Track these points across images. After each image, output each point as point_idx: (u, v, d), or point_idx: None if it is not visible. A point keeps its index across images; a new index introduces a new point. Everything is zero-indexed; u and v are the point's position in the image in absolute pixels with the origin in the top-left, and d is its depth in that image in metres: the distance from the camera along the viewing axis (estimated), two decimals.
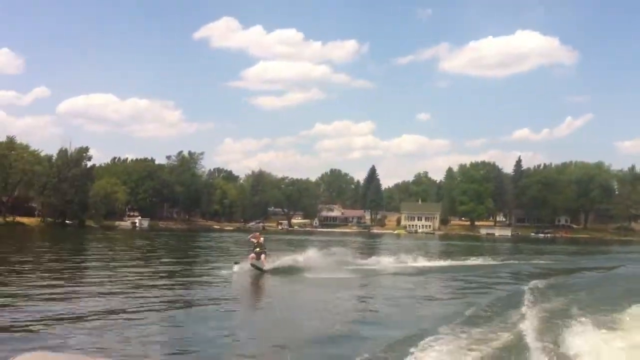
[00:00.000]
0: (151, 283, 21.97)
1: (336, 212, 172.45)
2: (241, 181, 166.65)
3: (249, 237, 28.56)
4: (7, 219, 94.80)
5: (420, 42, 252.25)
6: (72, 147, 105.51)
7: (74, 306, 15.81)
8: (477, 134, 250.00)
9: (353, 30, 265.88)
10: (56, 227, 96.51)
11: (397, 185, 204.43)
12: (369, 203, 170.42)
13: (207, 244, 60.09)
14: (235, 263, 26.47)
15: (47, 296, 17.42)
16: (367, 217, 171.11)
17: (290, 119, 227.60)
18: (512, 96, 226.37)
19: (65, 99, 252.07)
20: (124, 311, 15.04)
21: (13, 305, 15.54)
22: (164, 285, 21.74)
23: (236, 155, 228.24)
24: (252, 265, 25.92)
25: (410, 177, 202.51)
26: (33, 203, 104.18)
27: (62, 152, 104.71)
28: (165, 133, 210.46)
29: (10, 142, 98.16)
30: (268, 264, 26.30)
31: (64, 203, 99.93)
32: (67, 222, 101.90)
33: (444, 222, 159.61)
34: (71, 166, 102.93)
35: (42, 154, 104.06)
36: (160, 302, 17.13)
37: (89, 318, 13.96)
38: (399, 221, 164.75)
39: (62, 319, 13.65)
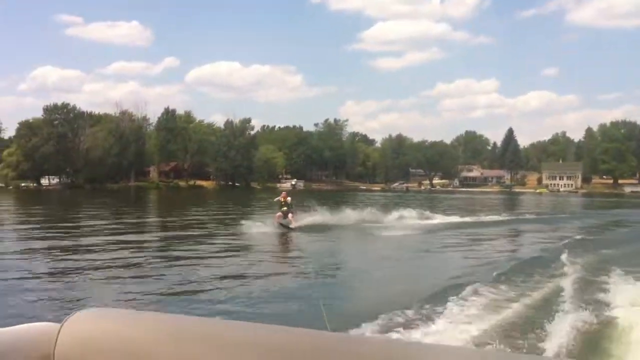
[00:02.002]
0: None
1: (475, 173, 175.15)
2: (377, 144, 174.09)
3: (275, 198, 29.06)
4: (189, 183, 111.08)
5: None
6: (236, 117, 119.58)
7: None
8: (609, 88, 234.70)
9: None
10: (227, 188, 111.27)
11: (532, 145, 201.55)
12: (508, 163, 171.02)
13: (372, 200, 67.84)
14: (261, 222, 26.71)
15: None
16: (507, 177, 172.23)
17: (410, 79, 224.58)
18: None
19: (192, 68, 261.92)
20: None
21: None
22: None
23: (358, 117, 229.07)
24: (280, 224, 26.49)
25: (539, 135, 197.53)
26: (208, 168, 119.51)
27: (229, 123, 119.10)
28: (287, 97, 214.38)
29: (188, 116, 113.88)
30: (293, 222, 26.80)
31: (233, 168, 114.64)
32: (236, 184, 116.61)
33: (585, 180, 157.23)
34: (237, 135, 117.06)
35: None
36: None
37: None
38: (539, 180, 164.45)
39: None
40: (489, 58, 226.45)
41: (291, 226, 26.26)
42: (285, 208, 26.83)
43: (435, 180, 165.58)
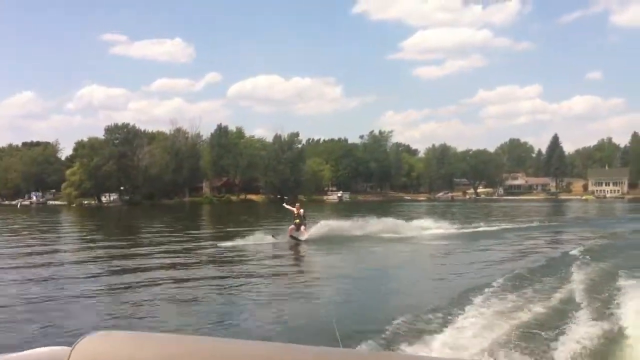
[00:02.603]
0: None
1: (520, 181, 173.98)
2: (421, 154, 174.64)
3: (285, 205, 30.30)
4: (240, 197, 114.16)
5: None
6: (284, 132, 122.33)
7: None
8: None
9: None
10: (276, 201, 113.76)
11: (577, 152, 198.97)
12: (553, 170, 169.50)
13: (420, 209, 69.24)
14: (273, 236, 27.05)
15: None
16: (552, 184, 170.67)
17: (451, 87, 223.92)
18: None
19: (234, 82, 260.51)
20: None
21: None
22: None
23: (397, 127, 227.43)
24: (291, 236, 26.74)
25: (584, 140, 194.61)
26: (257, 183, 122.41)
27: (277, 138, 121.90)
28: (327, 109, 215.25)
29: (239, 132, 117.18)
30: (304, 235, 27.01)
31: (281, 182, 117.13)
32: (285, 197, 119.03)
33: (632, 186, 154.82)
34: (285, 149, 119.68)
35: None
36: None
37: None
38: (585, 187, 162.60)
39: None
40: (532, 63, 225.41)
41: (301, 238, 26.52)
42: (297, 220, 27.16)
43: (480, 189, 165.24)
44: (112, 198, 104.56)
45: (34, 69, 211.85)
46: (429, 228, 31.79)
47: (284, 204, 29.82)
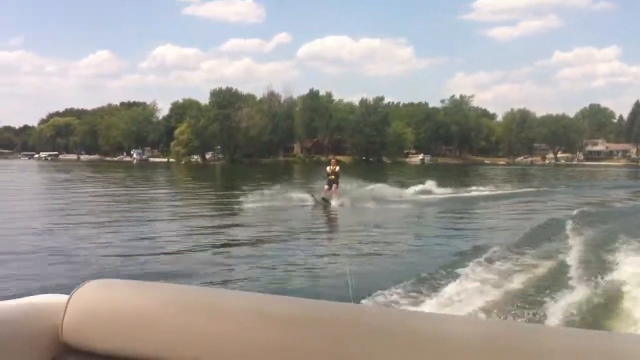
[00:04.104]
0: None
1: (600, 147, 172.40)
2: (499, 118, 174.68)
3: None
4: (328, 157, 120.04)
5: None
6: (370, 96, 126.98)
7: None
8: None
9: None
10: (362, 162, 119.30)
11: None
12: (635, 137, 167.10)
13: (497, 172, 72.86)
14: (311, 196, 24.43)
15: None
16: (633, 150, 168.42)
17: (525, 49, 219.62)
18: None
19: (303, 43, 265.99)
20: None
21: None
22: None
23: (468, 89, 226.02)
24: (323, 198, 23.68)
25: None
26: (345, 144, 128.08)
27: (363, 101, 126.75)
28: (396, 70, 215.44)
29: (329, 96, 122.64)
30: (335, 196, 23.77)
31: (367, 144, 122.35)
32: (370, 159, 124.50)
33: None
34: (371, 113, 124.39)
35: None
36: None
37: None
38: None
39: None
40: (611, 24, 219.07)
41: (332, 202, 23.31)
42: (333, 177, 24.01)
43: (559, 154, 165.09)
44: (216, 156, 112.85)
45: (109, 29, 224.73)
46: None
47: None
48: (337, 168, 24.33)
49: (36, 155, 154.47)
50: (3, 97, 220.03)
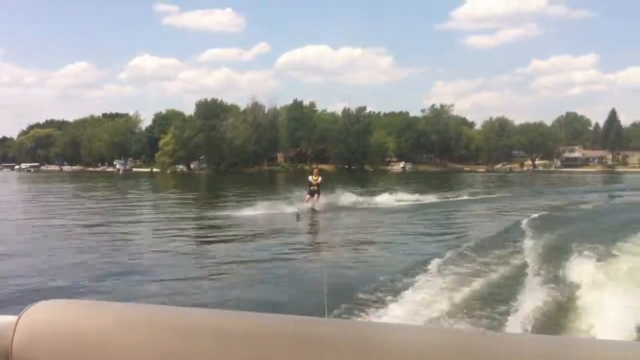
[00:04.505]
0: None
1: (577, 153, 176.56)
2: (477, 126, 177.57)
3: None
4: (312, 167, 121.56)
5: None
6: (352, 105, 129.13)
7: None
8: None
9: None
10: (344, 171, 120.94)
11: (634, 125, 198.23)
12: (611, 144, 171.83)
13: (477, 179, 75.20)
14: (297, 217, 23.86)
15: None
16: (609, 157, 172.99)
17: (504, 57, 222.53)
18: None
19: (282, 53, 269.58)
20: None
21: None
22: None
23: (448, 97, 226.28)
24: (312, 208, 24.77)
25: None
26: (327, 154, 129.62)
27: (346, 111, 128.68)
28: (377, 79, 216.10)
29: (312, 106, 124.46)
30: (318, 204, 25.04)
31: (350, 153, 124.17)
32: (353, 167, 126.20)
33: None
34: (353, 122, 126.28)
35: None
36: None
37: None
38: None
39: None
40: (588, 32, 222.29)
41: (315, 208, 24.69)
42: (314, 188, 25.31)
43: (537, 161, 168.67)
44: (201, 166, 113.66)
45: (88, 39, 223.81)
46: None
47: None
48: (320, 179, 25.55)
49: (16, 167, 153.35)
50: None
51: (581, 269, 10.82)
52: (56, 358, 1.05)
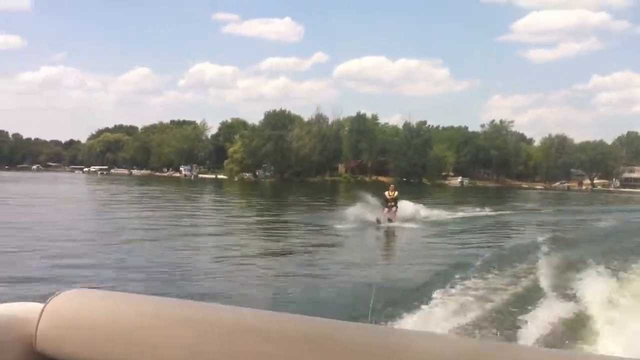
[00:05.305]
0: None
1: (637, 174, 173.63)
2: (536, 142, 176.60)
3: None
4: (372, 178, 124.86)
5: None
6: (412, 119, 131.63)
7: None
8: None
9: None
10: (403, 184, 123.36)
11: None
12: None
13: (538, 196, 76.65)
14: (378, 221, 26.33)
15: None
16: None
17: (563, 72, 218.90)
18: None
19: (340, 63, 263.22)
20: None
21: None
22: None
23: (504, 111, 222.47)
24: (389, 219, 26.64)
25: None
26: (387, 166, 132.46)
27: (407, 124, 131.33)
28: (432, 91, 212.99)
29: (373, 119, 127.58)
30: (394, 217, 26.95)
31: (409, 166, 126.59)
32: (411, 180, 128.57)
33: None
34: (414, 136, 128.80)
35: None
36: None
37: None
38: None
39: None
40: None
41: (393, 220, 26.72)
42: (391, 203, 27.38)
43: (596, 180, 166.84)
44: (266, 174, 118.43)
45: (149, 46, 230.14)
46: None
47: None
48: (396, 193, 27.75)
49: (86, 169, 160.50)
50: (48, 111, 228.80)
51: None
52: (80, 346, 1.09)
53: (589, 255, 15.44)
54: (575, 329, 8.47)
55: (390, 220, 26.57)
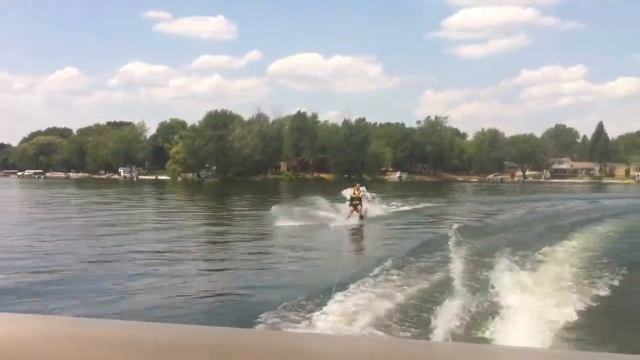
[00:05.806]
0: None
1: (565, 165, 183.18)
2: (469, 137, 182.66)
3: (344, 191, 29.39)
4: (313, 175, 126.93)
5: None
6: (351, 116, 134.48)
7: None
8: None
9: None
10: (344, 180, 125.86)
11: (621, 138, 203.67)
12: (598, 156, 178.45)
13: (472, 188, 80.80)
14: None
15: None
16: (596, 168, 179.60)
17: (494, 67, 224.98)
18: None
19: (274, 60, 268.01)
20: None
21: None
22: None
23: (438, 106, 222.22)
24: (361, 216, 26.56)
25: (628, 121, 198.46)
26: (328, 163, 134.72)
27: (346, 122, 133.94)
28: (366, 88, 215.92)
29: (313, 117, 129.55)
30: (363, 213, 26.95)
31: (349, 162, 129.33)
32: (352, 177, 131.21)
33: None
34: (353, 133, 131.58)
35: None
36: None
37: None
38: (627, 172, 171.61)
39: None
40: (577, 44, 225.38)
41: (363, 216, 26.91)
42: (356, 202, 26.90)
43: (527, 172, 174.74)
44: (209, 174, 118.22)
45: (78, 45, 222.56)
46: None
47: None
48: (361, 192, 27.38)
49: (19, 173, 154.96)
50: None
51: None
52: None
53: (500, 243, 16.73)
54: (483, 317, 8.60)
55: (362, 217, 26.47)
